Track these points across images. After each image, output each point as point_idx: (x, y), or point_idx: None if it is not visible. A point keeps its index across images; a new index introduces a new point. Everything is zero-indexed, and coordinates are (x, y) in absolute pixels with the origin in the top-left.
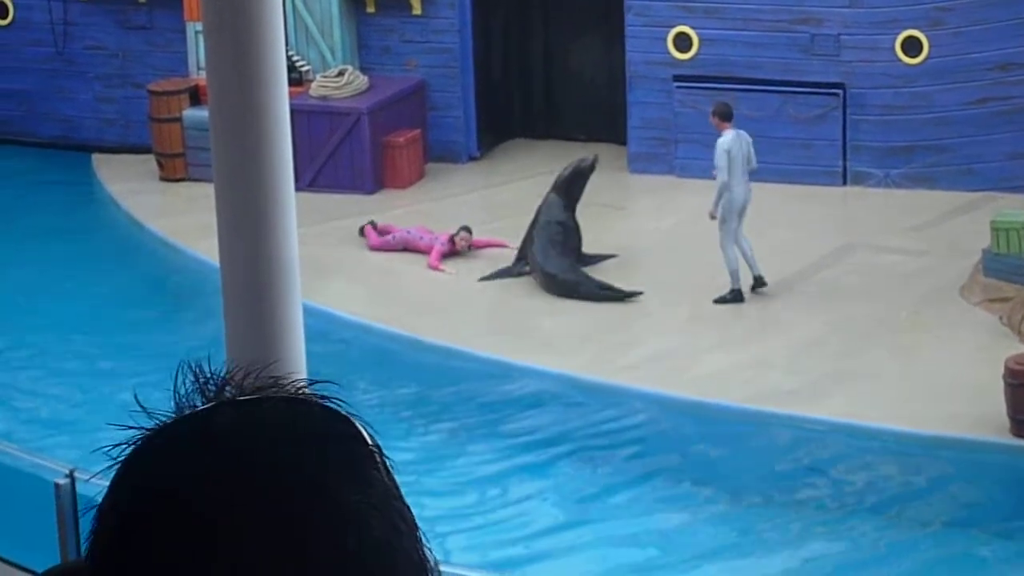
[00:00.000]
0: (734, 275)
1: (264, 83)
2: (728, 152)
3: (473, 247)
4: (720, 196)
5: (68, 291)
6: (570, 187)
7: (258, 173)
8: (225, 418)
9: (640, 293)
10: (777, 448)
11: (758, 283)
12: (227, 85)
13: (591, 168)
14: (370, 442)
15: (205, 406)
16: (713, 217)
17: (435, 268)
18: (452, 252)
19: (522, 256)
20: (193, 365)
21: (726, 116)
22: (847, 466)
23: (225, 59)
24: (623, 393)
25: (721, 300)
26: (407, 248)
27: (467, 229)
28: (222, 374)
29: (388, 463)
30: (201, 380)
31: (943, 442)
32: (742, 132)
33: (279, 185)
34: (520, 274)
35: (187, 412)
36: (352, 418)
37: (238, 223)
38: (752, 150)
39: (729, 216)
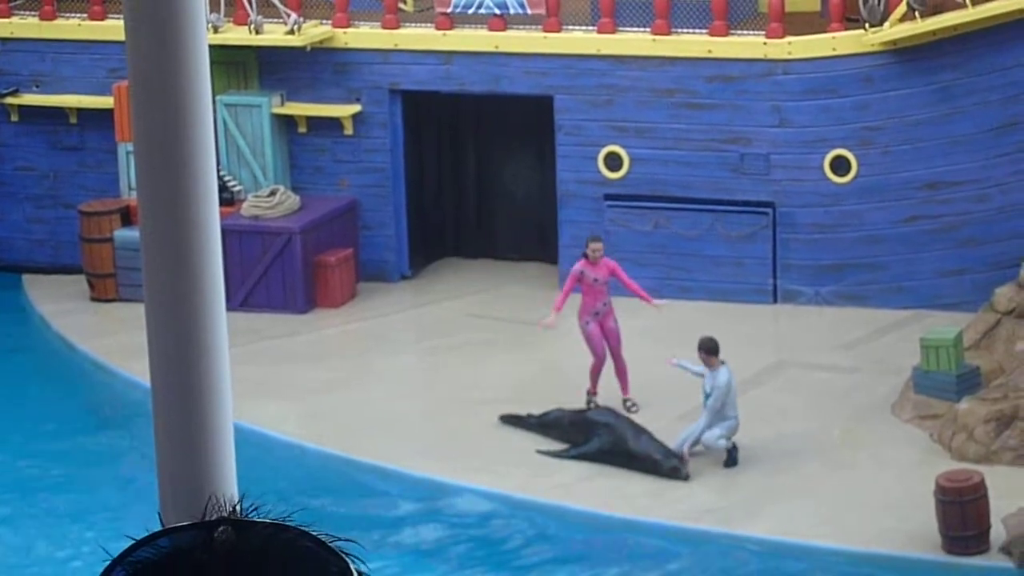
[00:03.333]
0: (720, 447)
1: (195, 203)
2: (730, 386)
3: (613, 274)
4: (711, 426)
5: None
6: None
7: (189, 293)
8: (224, 533)
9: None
10: (710, 566)
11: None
12: (158, 205)
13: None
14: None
15: (208, 520)
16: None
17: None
18: (590, 267)
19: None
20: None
21: (714, 350)
22: None
23: (156, 179)
24: (557, 512)
25: (732, 462)
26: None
27: (596, 239)
28: (218, 500)
29: None
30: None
31: (876, 559)
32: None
33: (210, 305)
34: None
35: (192, 523)
36: (342, 552)
37: (169, 343)
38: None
39: (721, 441)
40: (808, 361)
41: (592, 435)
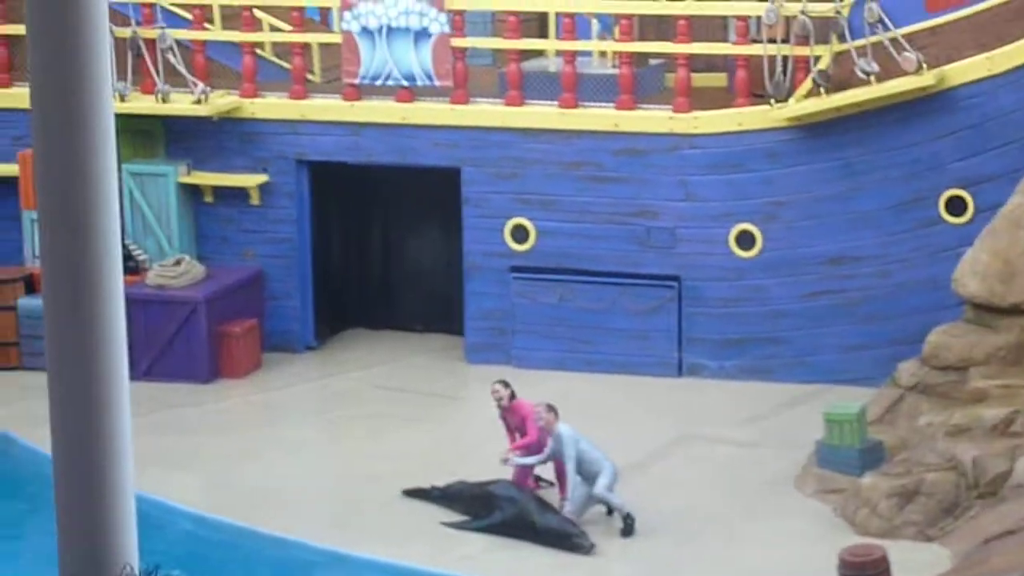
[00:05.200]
0: (616, 504)
1: (99, 272)
2: (572, 436)
3: (512, 412)
4: (581, 484)
5: None
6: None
7: (92, 362)
8: None
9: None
10: None
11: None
12: (61, 273)
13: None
14: None
15: None
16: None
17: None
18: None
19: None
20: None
21: (557, 413)
22: None
23: (60, 247)
24: None
25: (629, 532)
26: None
27: (500, 383)
28: (125, 566)
29: None
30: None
31: None
32: None
33: (113, 374)
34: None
35: None
36: None
37: (71, 413)
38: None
39: (612, 494)
40: (712, 435)
41: (495, 508)
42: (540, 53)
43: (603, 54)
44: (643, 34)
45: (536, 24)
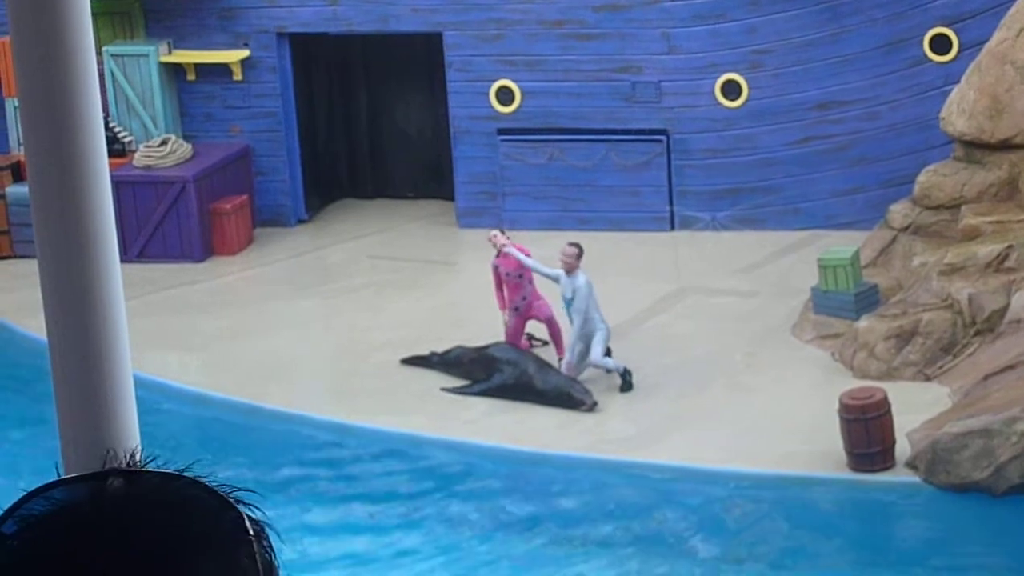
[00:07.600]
0: (611, 366)
1: (84, 156)
2: (590, 287)
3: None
4: (581, 339)
5: None
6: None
7: (81, 247)
8: (114, 483)
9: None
10: (620, 495)
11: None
12: (45, 160)
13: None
14: (251, 529)
15: (100, 471)
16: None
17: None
18: (500, 261)
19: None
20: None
21: (582, 253)
22: (688, 510)
23: (42, 134)
24: (464, 448)
25: (628, 387)
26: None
27: (498, 232)
28: (114, 452)
29: (267, 552)
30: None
31: (783, 480)
32: None
33: (104, 257)
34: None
35: (84, 474)
36: (236, 500)
37: (63, 299)
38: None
39: (608, 360)
40: (708, 287)
41: (495, 371)
42: None
43: None
44: None
45: None
